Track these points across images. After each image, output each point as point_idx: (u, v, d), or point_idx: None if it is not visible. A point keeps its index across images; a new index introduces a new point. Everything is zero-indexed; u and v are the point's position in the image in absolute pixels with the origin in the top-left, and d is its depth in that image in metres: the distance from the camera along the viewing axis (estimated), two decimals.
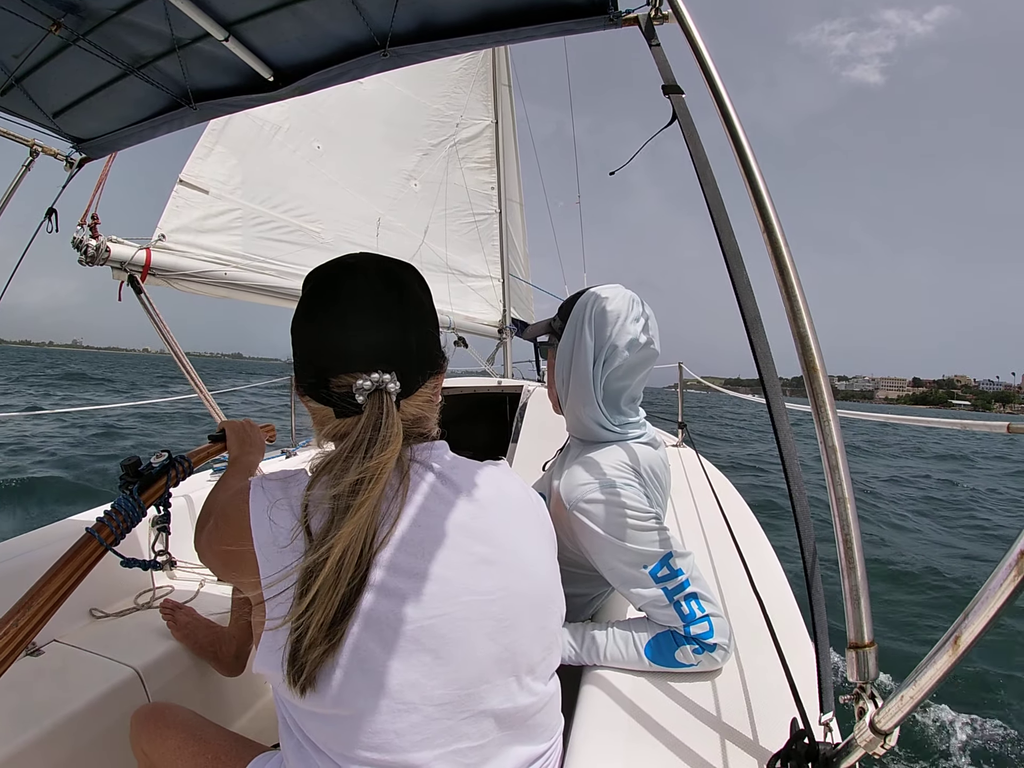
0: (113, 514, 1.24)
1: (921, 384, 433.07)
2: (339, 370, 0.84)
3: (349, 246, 4.09)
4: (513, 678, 0.82)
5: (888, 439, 27.55)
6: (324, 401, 0.85)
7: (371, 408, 0.81)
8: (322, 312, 0.87)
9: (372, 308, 0.86)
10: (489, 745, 0.80)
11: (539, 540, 0.92)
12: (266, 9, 1.49)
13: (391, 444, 0.78)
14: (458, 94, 5.66)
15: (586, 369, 1.28)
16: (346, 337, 0.84)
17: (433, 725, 0.76)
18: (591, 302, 1.30)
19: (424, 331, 0.91)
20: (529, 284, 7.14)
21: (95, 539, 1.19)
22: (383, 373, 0.82)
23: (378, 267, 0.91)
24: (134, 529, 1.29)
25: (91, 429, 13.13)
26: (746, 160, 0.91)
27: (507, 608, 0.82)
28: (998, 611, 0.59)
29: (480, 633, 0.79)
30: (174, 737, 1.13)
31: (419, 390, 0.89)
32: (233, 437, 1.44)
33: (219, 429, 1.50)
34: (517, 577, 0.84)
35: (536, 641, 0.86)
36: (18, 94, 1.79)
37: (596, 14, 1.33)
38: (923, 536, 8.34)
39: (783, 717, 0.86)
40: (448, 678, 0.77)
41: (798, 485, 0.87)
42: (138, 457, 1.36)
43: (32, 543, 1.83)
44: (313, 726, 0.79)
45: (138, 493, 1.30)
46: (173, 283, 2.79)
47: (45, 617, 1.06)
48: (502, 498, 0.90)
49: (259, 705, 1.89)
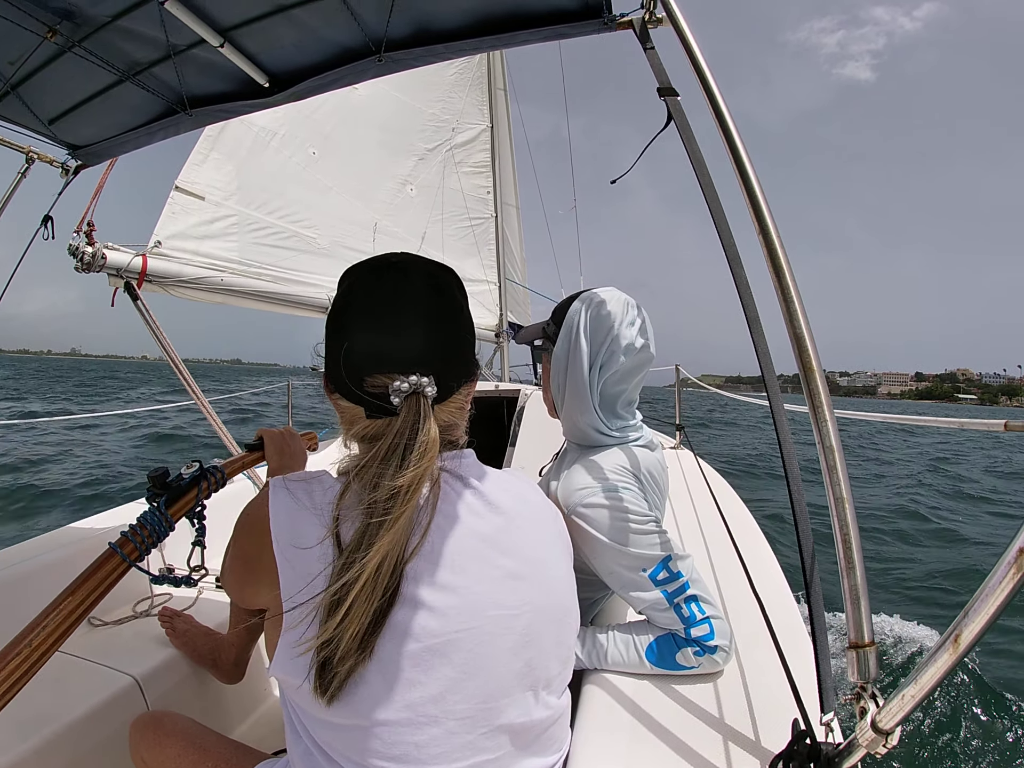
0: (138, 528, 1.16)
1: (924, 378, 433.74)
2: (376, 370, 0.81)
3: (345, 251, 4.10)
4: (531, 692, 0.81)
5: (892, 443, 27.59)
6: (356, 400, 0.83)
7: (407, 411, 0.79)
8: (360, 310, 0.85)
9: (413, 309, 0.84)
10: (503, 758, 0.80)
11: (559, 554, 0.92)
12: (261, 15, 1.49)
13: (428, 452, 0.76)
14: (453, 99, 5.67)
15: (582, 374, 1.27)
16: (386, 337, 0.82)
17: (453, 739, 0.76)
18: (585, 306, 1.29)
19: (462, 336, 0.90)
20: (526, 288, 7.15)
21: (117, 555, 1.11)
22: (421, 376, 0.80)
23: (421, 268, 0.89)
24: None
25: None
26: (741, 162, 0.91)
27: (531, 623, 0.81)
28: (998, 609, 0.59)
29: (504, 648, 0.78)
30: (174, 746, 1.12)
31: (453, 396, 0.87)
32: (272, 447, 1.38)
33: (256, 437, 1.43)
34: (541, 592, 0.84)
35: (554, 656, 0.85)
36: (14, 101, 1.79)
37: (590, 18, 1.34)
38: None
39: (784, 718, 0.86)
40: (470, 692, 0.76)
41: (797, 486, 0.88)
42: (166, 468, 1.27)
43: (37, 549, 1.83)
44: (328, 734, 0.78)
45: (165, 507, 1.21)
46: (169, 289, 2.79)
47: (62, 637, 1.00)
48: (527, 509, 0.89)
49: (259, 712, 1.88)
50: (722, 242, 0.96)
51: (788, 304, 0.84)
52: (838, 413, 0.90)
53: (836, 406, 0.88)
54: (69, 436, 13.01)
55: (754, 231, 0.88)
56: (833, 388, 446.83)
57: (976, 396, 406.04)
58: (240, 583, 0.89)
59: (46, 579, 1.10)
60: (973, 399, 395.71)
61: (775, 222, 0.88)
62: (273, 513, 0.80)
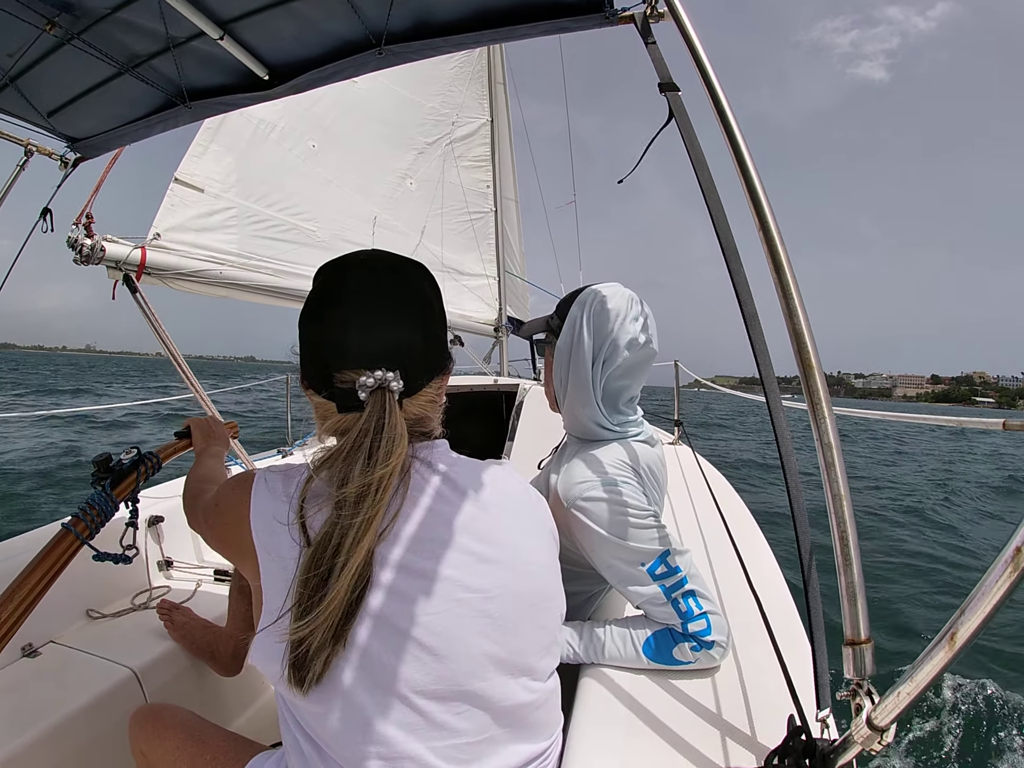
0: (88, 509, 1.27)
1: (940, 381, 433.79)
2: (343, 365, 0.83)
3: (345, 244, 4.08)
4: (510, 676, 0.82)
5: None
6: (327, 396, 0.85)
7: (373, 405, 0.80)
8: (329, 306, 0.87)
9: (379, 305, 0.86)
10: (487, 741, 0.81)
11: (539, 539, 0.93)
12: (261, 7, 1.48)
13: (396, 448, 0.78)
14: (453, 92, 5.64)
15: (585, 369, 1.28)
16: (351, 333, 0.84)
17: (428, 719, 0.77)
18: (589, 300, 1.30)
19: (431, 332, 0.91)
20: (525, 282, 7.14)
21: (71, 533, 1.23)
22: (386, 371, 0.82)
23: (388, 265, 0.91)
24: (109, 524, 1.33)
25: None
26: (742, 158, 0.91)
27: (504, 606, 0.82)
28: (994, 607, 0.59)
29: (475, 631, 0.79)
30: (173, 738, 1.12)
31: (423, 390, 0.89)
32: (198, 433, 1.52)
33: (184, 426, 1.57)
34: (516, 576, 0.85)
35: (534, 640, 0.86)
36: (12, 93, 1.78)
37: (591, 12, 1.33)
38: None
39: (780, 714, 0.87)
40: (441, 674, 0.77)
41: (795, 481, 0.88)
42: (109, 454, 1.41)
43: (23, 546, 1.83)
44: (311, 720, 0.80)
45: (111, 488, 1.34)
46: (169, 282, 2.78)
47: (26, 612, 1.08)
48: (503, 497, 0.90)
49: (257, 705, 1.89)
50: (720, 240, 0.96)
51: (788, 300, 0.84)
52: (837, 411, 0.91)
53: (847, 407, 0.89)
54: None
55: (755, 228, 0.88)
56: (848, 390, 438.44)
57: (994, 399, 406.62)
58: (220, 548, 0.97)
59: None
60: (991, 402, 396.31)
61: (775, 218, 0.87)
62: (254, 504, 0.84)
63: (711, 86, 0.96)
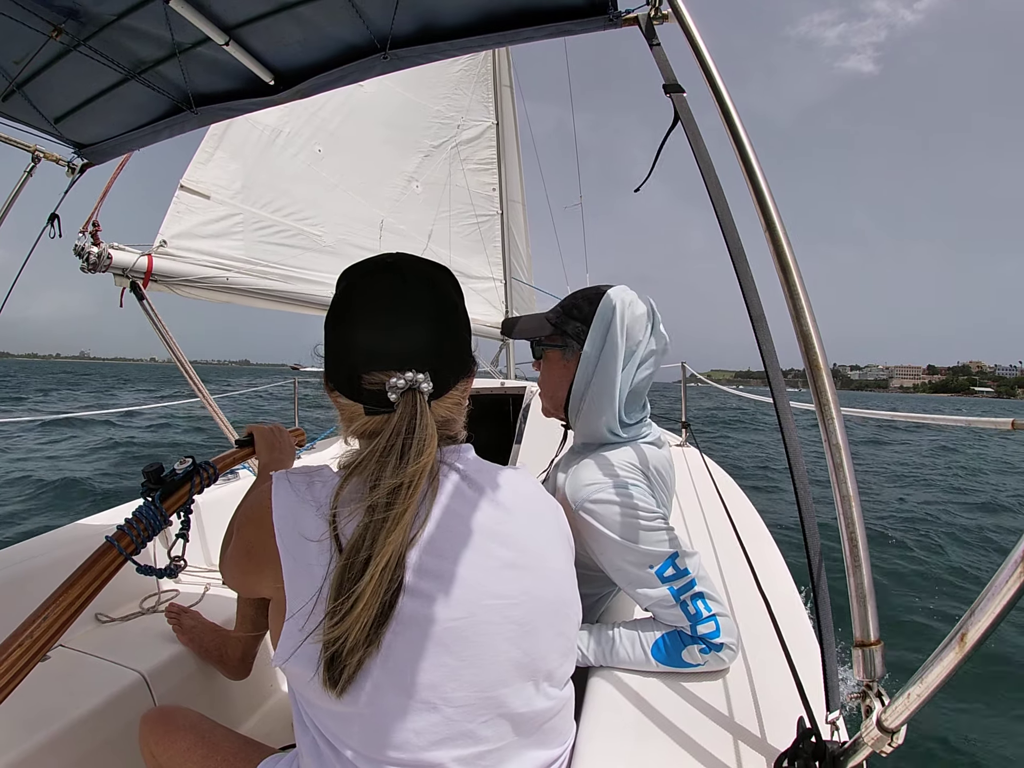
0: (134, 522, 1.19)
1: (936, 371, 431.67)
2: (373, 367, 0.83)
3: (352, 249, 4.10)
4: (531, 683, 0.82)
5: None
6: (354, 397, 0.85)
7: (404, 407, 0.81)
8: (357, 309, 0.87)
9: (408, 307, 0.86)
10: (505, 748, 0.81)
11: (559, 546, 0.93)
12: (266, 13, 1.49)
13: (427, 447, 0.78)
14: (459, 95, 5.66)
15: (614, 375, 1.25)
16: (382, 335, 0.84)
17: (452, 727, 0.77)
18: (619, 306, 1.26)
19: (457, 333, 0.91)
20: (531, 286, 7.13)
21: (115, 548, 1.14)
22: (416, 372, 0.82)
23: (416, 267, 0.91)
24: None
25: None
26: (747, 159, 0.91)
27: (528, 613, 0.82)
28: (1004, 607, 0.59)
29: (501, 637, 0.79)
30: (183, 740, 1.13)
31: (449, 392, 0.89)
32: (262, 442, 1.42)
33: (246, 433, 1.46)
34: (539, 582, 0.85)
35: (555, 647, 0.86)
36: (20, 100, 1.79)
37: (596, 15, 1.33)
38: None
39: (790, 716, 0.86)
40: (468, 680, 0.77)
41: (803, 483, 0.87)
42: (161, 464, 1.30)
43: (41, 547, 1.84)
44: (332, 724, 0.80)
45: (160, 501, 1.25)
46: (175, 289, 2.79)
47: (62, 628, 1.03)
48: (526, 503, 0.91)
49: (266, 708, 1.89)
50: (726, 240, 0.96)
51: (795, 301, 0.84)
52: (845, 412, 0.90)
53: (847, 402, 0.88)
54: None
55: (760, 228, 0.88)
56: (844, 382, 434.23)
57: (992, 389, 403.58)
58: (242, 572, 0.93)
59: (50, 577, 1.12)
60: (990, 392, 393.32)
61: (781, 218, 0.87)
62: (276, 506, 0.82)
63: (716, 86, 0.96)
